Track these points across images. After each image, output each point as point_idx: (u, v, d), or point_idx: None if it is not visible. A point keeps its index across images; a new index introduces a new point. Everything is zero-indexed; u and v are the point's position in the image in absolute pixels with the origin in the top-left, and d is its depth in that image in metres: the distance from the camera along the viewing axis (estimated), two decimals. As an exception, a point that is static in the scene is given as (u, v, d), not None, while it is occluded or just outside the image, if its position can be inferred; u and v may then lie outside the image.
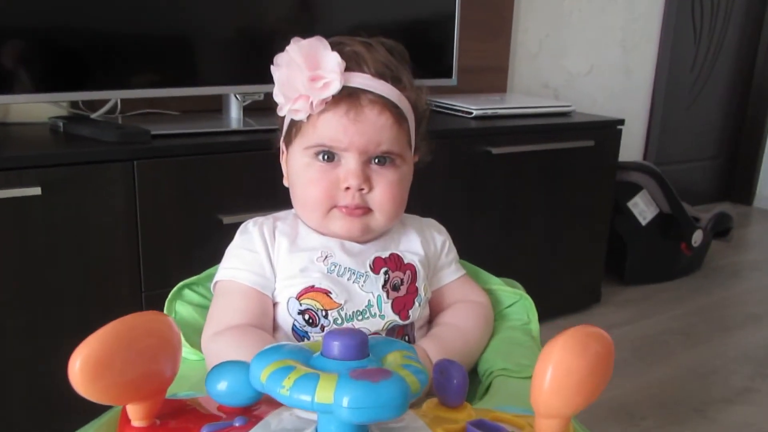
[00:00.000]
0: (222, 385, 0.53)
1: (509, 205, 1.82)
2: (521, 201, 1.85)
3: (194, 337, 0.75)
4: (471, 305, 0.82)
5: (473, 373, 0.78)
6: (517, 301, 0.86)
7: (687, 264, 2.43)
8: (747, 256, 2.75)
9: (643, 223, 2.26)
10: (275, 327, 0.74)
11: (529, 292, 0.88)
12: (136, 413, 0.51)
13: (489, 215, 1.79)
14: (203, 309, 0.80)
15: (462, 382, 0.56)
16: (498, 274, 0.91)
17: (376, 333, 0.74)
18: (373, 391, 0.41)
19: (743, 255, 2.75)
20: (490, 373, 0.74)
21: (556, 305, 1.97)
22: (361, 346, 0.46)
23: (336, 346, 0.46)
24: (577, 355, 0.50)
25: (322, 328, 0.72)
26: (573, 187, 1.94)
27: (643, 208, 2.25)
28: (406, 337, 0.77)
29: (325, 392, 0.42)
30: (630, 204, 2.24)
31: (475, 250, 0.97)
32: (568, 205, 1.95)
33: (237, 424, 0.51)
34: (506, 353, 0.76)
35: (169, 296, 0.80)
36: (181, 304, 0.80)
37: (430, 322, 0.82)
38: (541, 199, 1.89)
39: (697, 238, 2.35)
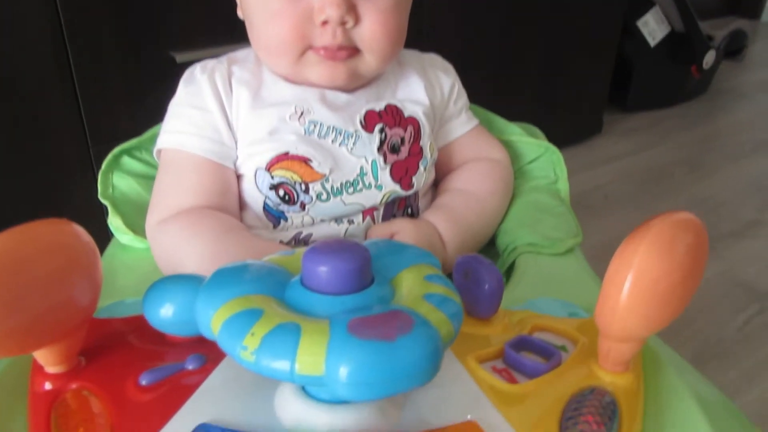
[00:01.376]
0: (166, 311, 0.38)
1: (506, 33, 1.59)
2: (522, 26, 1.62)
3: (139, 218, 0.59)
4: (486, 164, 0.65)
5: (490, 245, 0.64)
6: (541, 155, 0.70)
7: (693, 88, 2.25)
8: (755, 76, 2.57)
9: (652, 44, 2.04)
10: (242, 205, 0.58)
11: (525, 122, 0.71)
12: (47, 358, 0.37)
13: (486, 40, 1.57)
14: (149, 180, 0.63)
15: (497, 289, 0.41)
16: (493, 105, 0.73)
17: (372, 208, 0.58)
18: (387, 356, 0.26)
19: (751, 75, 2.57)
20: (514, 249, 0.59)
21: (554, 136, 1.81)
22: (361, 270, 0.30)
23: (323, 274, 0.30)
24: (666, 258, 0.35)
25: (303, 206, 0.56)
26: (578, 3, 1.70)
27: (653, 27, 2.02)
28: (409, 210, 0.61)
29: (310, 357, 0.27)
30: (639, 23, 2.00)
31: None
32: (571, 26, 1.72)
33: (190, 368, 0.37)
34: (532, 223, 0.62)
35: (103, 167, 0.63)
36: (120, 176, 0.63)
37: (436, 185, 0.66)
38: (543, 21, 1.65)
39: (708, 59, 2.15)
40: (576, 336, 0.43)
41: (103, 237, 0.61)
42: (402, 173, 0.59)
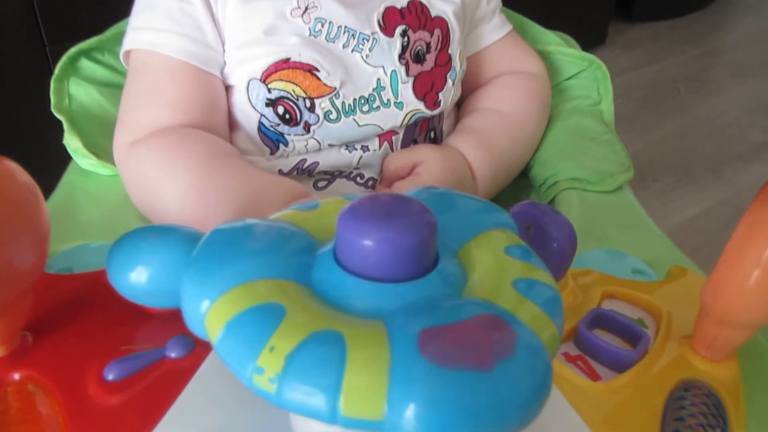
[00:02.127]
0: (138, 276, 0.28)
1: None
2: None
3: (104, 138, 0.47)
4: (522, 79, 0.55)
5: (522, 177, 0.55)
6: (583, 70, 0.59)
7: (702, -3, 2.11)
8: (764, -13, 2.42)
9: (665, -55, 1.89)
10: (232, 125, 0.47)
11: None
12: (-20, 337, 0.27)
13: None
14: (115, 90, 0.51)
15: (568, 250, 0.32)
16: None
17: (391, 132, 0.48)
18: (485, 394, 0.17)
19: (761, -15, 2.42)
20: (554, 183, 0.50)
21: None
22: (426, 245, 0.21)
23: (372, 252, 0.20)
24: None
25: (307, 127, 0.45)
26: None
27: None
28: (432, 134, 0.51)
29: (363, 393, 0.17)
30: None
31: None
32: None
33: (172, 355, 0.28)
34: (576, 153, 0.52)
35: (56, 72, 0.50)
36: (78, 84, 0.51)
37: (459, 104, 0.55)
38: None
39: (722, -35, 1.99)
40: (656, 307, 0.34)
41: (65, 159, 0.50)
42: (426, 88, 0.48)
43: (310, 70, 0.44)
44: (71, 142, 0.46)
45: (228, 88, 0.46)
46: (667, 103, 1.68)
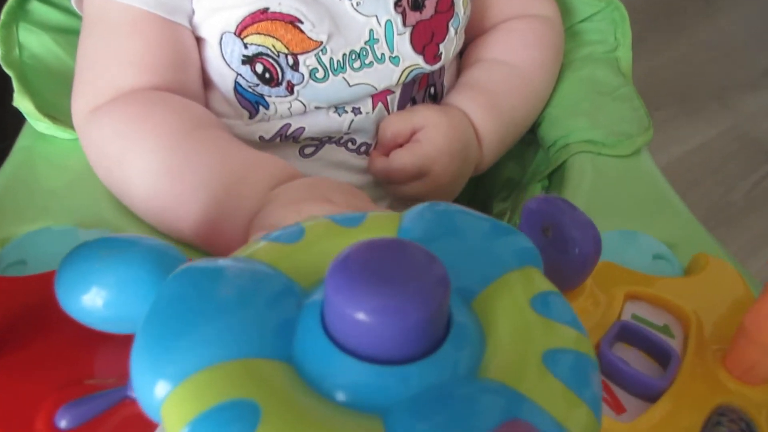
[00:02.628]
0: (93, 298, 0.24)
1: None
2: None
3: (62, 96, 0.42)
4: (533, 25, 0.49)
5: (530, 134, 0.50)
6: (599, 12, 0.53)
7: None
8: None
9: None
10: (205, 83, 0.41)
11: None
12: None
13: None
14: (72, 36, 0.45)
15: (591, 255, 0.28)
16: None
17: (386, 91, 0.42)
18: None
19: None
20: (565, 146, 0.45)
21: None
22: (438, 316, 0.17)
23: (369, 327, 0.16)
24: None
25: (290, 87, 0.40)
26: None
27: None
28: (432, 90, 0.46)
29: None
30: None
31: None
32: None
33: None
34: (591, 110, 0.47)
35: (2, 17, 0.44)
36: (28, 30, 0.44)
37: (461, 53, 0.49)
38: None
39: None
40: (683, 312, 0.31)
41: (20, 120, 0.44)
42: (426, 39, 0.42)
43: (292, 21, 0.38)
44: (22, 104, 0.40)
45: (198, 41, 0.40)
46: (673, 25, 1.59)
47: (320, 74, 0.40)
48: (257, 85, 0.39)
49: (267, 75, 0.39)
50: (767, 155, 1.24)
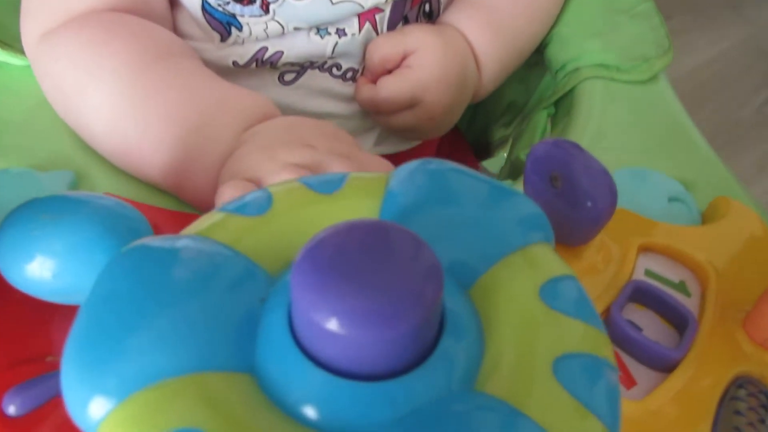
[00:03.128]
0: (39, 268, 0.21)
1: None
2: None
3: (10, 16, 0.37)
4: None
5: (536, 54, 0.45)
6: None
7: None
8: None
9: None
10: (171, 2, 0.36)
11: None
12: None
13: None
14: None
15: (605, 209, 0.25)
16: None
17: (373, 9, 0.37)
18: None
19: None
20: (575, 70, 0.41)
21: None
22: (425, 324, 0.13)
23: (342, 341, 0.13)
24: None
25: (265, 6, 0.35)
26: None
27: None
28: (426, 7, 0.41)
29: None
30: None
31: None
32: None
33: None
34: (605, 30, 0.42)
35: None
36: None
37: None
38: None
39: None
40: (701, 267, 0.28)
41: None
42: (420, -55, 0.37)
43: (266, -74, 0.33)
44: (-37, 25, 0.36)
45: (160, -48, 0.35)
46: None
47: None
48: (227, 3, 0.35)
49: (239, -10, 0.34)
50: (781, 68, 1.18)
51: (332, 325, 0.13)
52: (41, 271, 0.21)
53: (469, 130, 0.56)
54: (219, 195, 0.25)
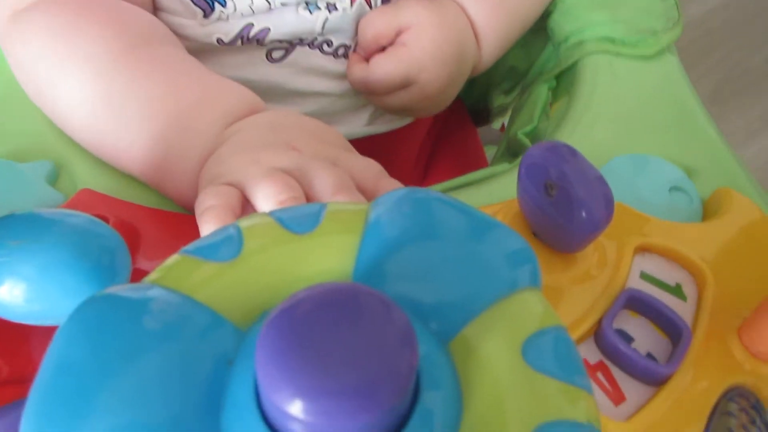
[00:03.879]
0: (10, 291, 0.20)
1: None
2: None
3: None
4: None
5: (539, 21, 0.43)
6: None
7: None
8: None
9: None
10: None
11: None
12: None
13: None
14: None
15: (601, 219, 0.24)
16: None
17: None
18: None
19: None
20: (579, 43, 0.39)
21: None
22: (396, 408, 0.13)
23: (312, 428, 0.12)
24: None
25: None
26: None
27: None
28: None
29: None
30: None
31: None
32: None
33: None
34: (611, 1, 0.40)
35: None
36: None
37: None
38: None
39: None
40: (699, 270, 0.27)
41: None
42: None
43: None
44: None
45: None
46: None
47: None
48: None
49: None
50: (795, 15, 1.14)
51: (298, 412, 0.12)
52: (11, 296, 0.20)
53: (468, 95, 0.54)
54: (199, 202, 0.24)
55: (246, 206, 0.25)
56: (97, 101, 0.29)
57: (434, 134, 0.48)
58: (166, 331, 0.15)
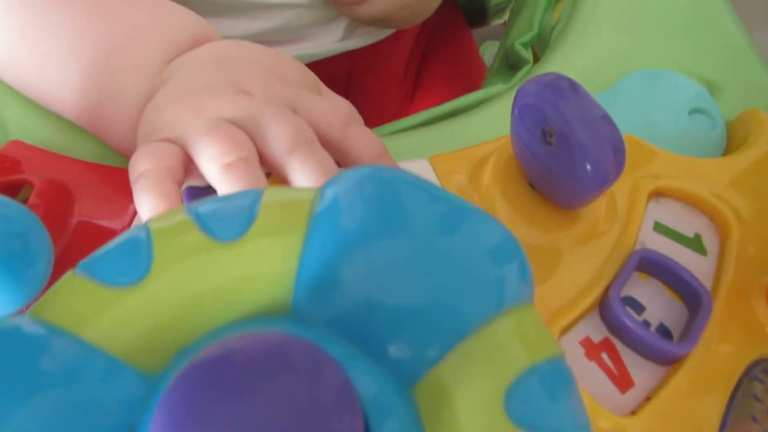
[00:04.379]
0: None
1: None
2: None
3: None
4: None
5: None
6: None
7: None
8: None
9: None
10: None
11: None
12: None
13: None
14: None
15: (611, 173, 0.20)
16: None
17: None
18: None
19: None
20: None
21: None
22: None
23: None
24: None
25: None
26: None
27: None
28: None
29: None
30: None
31: None
32: None
33: None
34: None
35: None
36: None
37: None
38: None
39: None
40: (722, 215, 0.23)
41: None
42: None
43: None
44: None
45: None
46: None
47: None
48: None
49: None
50: None
51: None
52: None
53: (462, -9, 0.48)
54: (133, 164, 0.20)
55: (189, 167, 0.21)
56: (8, 35, 0.24)
57: (423, 42, 0.43)
58: (51, 383, 0.11)
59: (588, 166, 0.20)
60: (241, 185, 0.19)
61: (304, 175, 0.20)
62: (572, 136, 0.19)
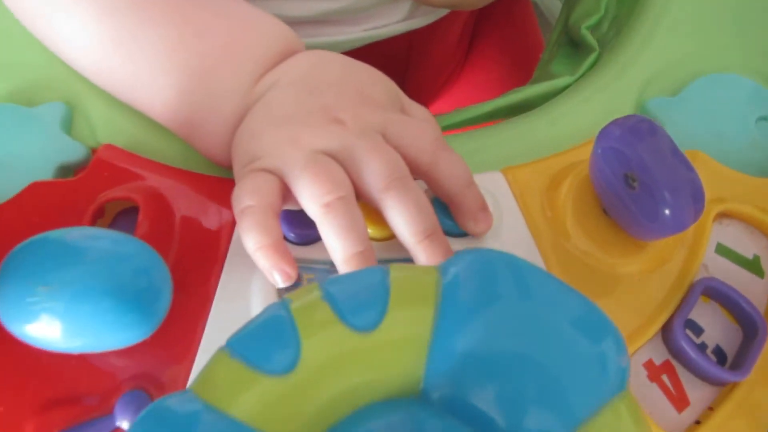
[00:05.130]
0: (42, 327, 0.19)
1: None
2: None
3: None
4: None
5: None
6: None
7: None
8: None
9: None
10: None
11: None
12: None
13: None
14: None
15: (689, 220, 0.21)
16: None
17: None
18: None
19: None
20: None
21: None
22: None
23: None
24: None
25: None
26: None
27: None
28: None
29: None
30: None
31: None
32: None
33: (125, 427, 0.21)
34: None
35: None
36: None
37: None
38: None
39: None
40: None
41: None
42: None
43: None
44: None
45: None
46: None
47: None
48: None
49: None
50: None
51: None
52: (43, 332, 0.19)
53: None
54: (236, 197, 0.22)
55: (287, 196, 0.22)
56: (100, 49, 0.25)
57: (480, 10, 0.42)
58: None
59: (668, 212, 0.21)
60: (341, 223, 0.21)
61: (399, 214, 0.21)
62: (655, 187, 0.20)
